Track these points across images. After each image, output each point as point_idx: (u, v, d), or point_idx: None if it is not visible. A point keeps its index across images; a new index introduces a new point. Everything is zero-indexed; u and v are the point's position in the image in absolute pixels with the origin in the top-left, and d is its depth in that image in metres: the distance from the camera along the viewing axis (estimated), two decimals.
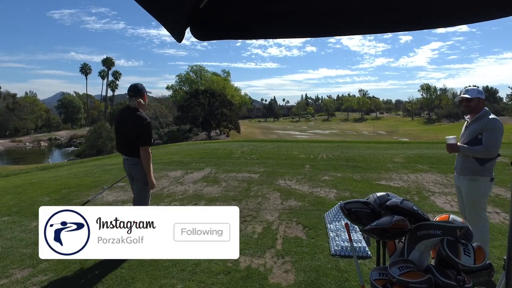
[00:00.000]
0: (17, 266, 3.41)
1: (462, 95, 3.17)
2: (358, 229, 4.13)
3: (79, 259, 3.48)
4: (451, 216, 1.83)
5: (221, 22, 1.93)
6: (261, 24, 1.92)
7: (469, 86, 3.48)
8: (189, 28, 1.87)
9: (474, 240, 3.14)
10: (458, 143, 3.21)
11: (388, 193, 2.03)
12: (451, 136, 3.27)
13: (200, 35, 1.92)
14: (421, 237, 1.80)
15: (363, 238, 3.35)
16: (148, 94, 3.89)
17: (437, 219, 1.84)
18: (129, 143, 3.64)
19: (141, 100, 3.70)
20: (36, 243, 3.94)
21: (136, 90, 3.69)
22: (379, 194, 2.03)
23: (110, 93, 75.99)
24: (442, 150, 11.43)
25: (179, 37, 1.81)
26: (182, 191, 6.33)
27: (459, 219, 1.81)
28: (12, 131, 57.50)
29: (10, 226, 4.59)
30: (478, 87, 3.20)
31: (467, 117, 3.32)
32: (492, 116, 3.04)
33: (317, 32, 1.96)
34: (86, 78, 76.33)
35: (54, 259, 3.50)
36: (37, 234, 4.18)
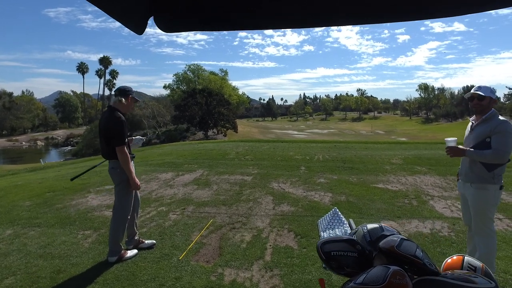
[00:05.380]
0: None
1: (474, 91, 2.83)
2: (347, 225, 3.84)
3: (50, 276, 3.22)
4: (466, 259, 1.42)
5: (192, 9, 1.64)
6: (240, 12, 1.64)
7: (469, 85, 3.23)
8: (153, 18, 1.61)
9: (481, 253, 2.88)
10: (460, 146, 2.92)
11: (382, 225, 1.58)
12: (451, 138, 2.93)
13: (167, 26, 1.65)
14: None
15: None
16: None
17: (448, 262, 1.43)
18: (106, 144, 3.45)
19: (123, 100, 3.52)
20: (6, 254, 3.66)
21: (118, 91, 3.58)
22: (370, 226, 1.58)
23: (107, 92, 75.63)
24: (441, 151, 11.19)
25: (137, 28, 1.53)
26: (171, 195, 6.05)
27: (478, 263, 1.40)
28: (9, 130, 57.03)
29: None
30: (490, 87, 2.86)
31: (471, 118, 3.05)
32: (501, 117, 2.76)
33: (301, 22, 1.68)
34: (83, 77, 76.15)
35: (22, 275, 3.22)
36: (10, 244, 3.92)
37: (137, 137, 4.09)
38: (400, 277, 1.28)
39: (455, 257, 1.47)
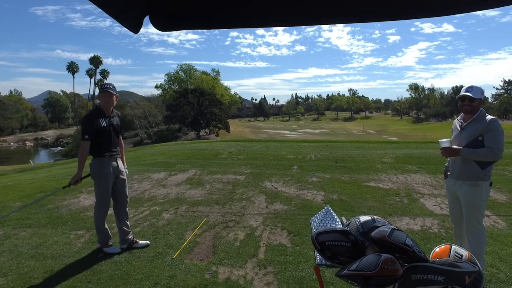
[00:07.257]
0: None
1: (465, 93, 2.88)
2: (339, 222, 3.88)
3: (42, 276, 3.20)
4: (453, 247, 1.50)
5: (187, 8, 1.65)
6: (233, 11, 1.66)
7: (459, 85, 3.29)
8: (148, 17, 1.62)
9: (473, 249, 2.95)
10: (454, 146, 2.99)
11: (374, 217, 1.64)
12: (445, 139, 3.04)
13: (163, 25, 1.66)
14: (416, 282, 1.41)
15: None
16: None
17: (436, 251, 1.51)
18: None
19: (101, 98, 3.80)
20: None
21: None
22: (362, 219, 1.63)
23: (98, 91, 74.81)
24: (431, 149, 11.37)
25: (133, 27, 1.54)
26: (164, 195, 6.04)
27: (463, 251, 1.49)
28: None
29: None
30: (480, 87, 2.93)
31: (459, 117, 3.12)
32: (490, 116, 2.85)
33: (296, 20, 1.71)
34: (73, 77, 75.10)
35: (14, 275, 3.19)
36: (0, 245, 3.86)
37: None
38: (391, 264, 1.35)
39: (443, 246, 1.54)
